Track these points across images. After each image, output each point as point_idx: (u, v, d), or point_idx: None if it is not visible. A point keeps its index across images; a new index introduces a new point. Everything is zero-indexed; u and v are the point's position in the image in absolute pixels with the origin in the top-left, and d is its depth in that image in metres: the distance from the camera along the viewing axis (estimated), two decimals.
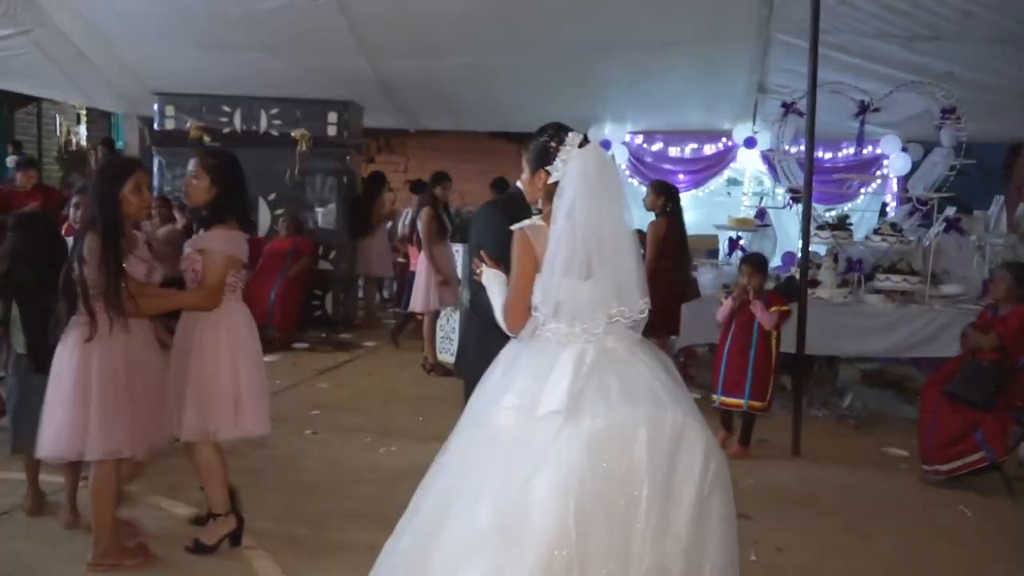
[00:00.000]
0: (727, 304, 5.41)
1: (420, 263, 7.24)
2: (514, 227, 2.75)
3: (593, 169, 2.65)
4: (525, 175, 2.87)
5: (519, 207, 3.08)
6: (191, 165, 3.59)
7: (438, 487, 2.67)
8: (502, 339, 2.89)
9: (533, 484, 2.41)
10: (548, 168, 2.72)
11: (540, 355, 2.61)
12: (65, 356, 3.36)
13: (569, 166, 2.66)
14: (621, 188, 2.82)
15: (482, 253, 2.97)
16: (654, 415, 2.48)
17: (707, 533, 2.47)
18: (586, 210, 2.58)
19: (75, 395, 3.31)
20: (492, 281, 2.88)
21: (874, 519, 4.44)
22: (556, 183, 2.68)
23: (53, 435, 3.33)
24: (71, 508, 3.88)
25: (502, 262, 2.89)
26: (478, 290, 3.00)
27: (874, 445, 5.78)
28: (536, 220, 2.75)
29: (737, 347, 5.33)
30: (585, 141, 2.72)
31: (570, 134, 2.73)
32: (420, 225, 7.18)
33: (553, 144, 2.73)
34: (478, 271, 2.96)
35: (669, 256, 6.41)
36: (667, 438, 2.46)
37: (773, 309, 5.24)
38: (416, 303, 7.27)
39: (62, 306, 3.35)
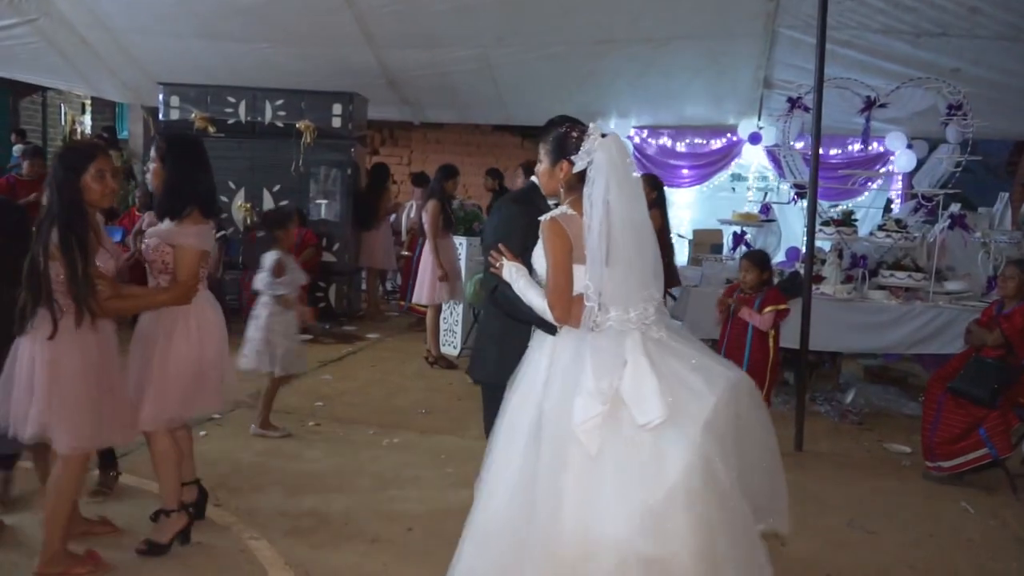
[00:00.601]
0: (719, 311, 5.42)
1: (424, 256, 7.24)
2: (544, 217, 2.76)
3: (619, 157, 2.69)
4: (543, 166, 2.88)
5: (538, 200, 3.07)
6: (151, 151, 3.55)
7: (511, 513, 2.59)
8: (525, 334, 2.90)
9: (666, 500, 2.44)
10: (572, 158, 2.75)
11: (603, 351, 2.60)
12: (34, 349, 3.19)
13: (596, 155, 2.67)
14: (637, 176, 2.87)
15: (501, 247, 2.93)
16: (730, 385, 2.60)
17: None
18: (619, 198, 2.64)
19: (45, 389, 3.16)
20: (516, 275, 2.85)
21: (876, 515, 4.44)
22: (579, 173, 2.72)
23: (15, 423, 3.20)
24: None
25: (524, 256, 2.89)
26: (500, 285, 2.94)
27: (877, 441, 5.79)
28: (566, 209, 2.75)
29: (733, 344, 5.31)
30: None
31: (590, 125, 2.77)
32: (426, 217, 7.17)
33: (575, 135, 2.76)
34: (497, 264, 2.91)
35: (661, 246, 6.40)
36: (744, 404, 2.64)
37: (768, 309, 5.17)
38: (421, 296, 7.28)
39: (27, 297, 3.17)
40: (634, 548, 2.42)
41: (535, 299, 2.77)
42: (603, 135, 2.74)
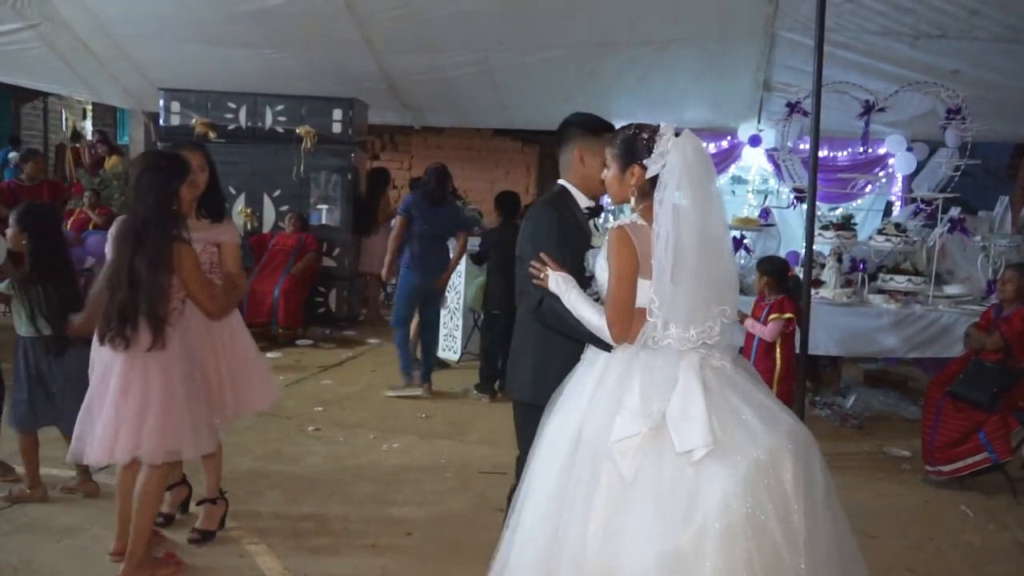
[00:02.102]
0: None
1: None
2: (611, 224, 2.59)
3: (694, 158, 2.46)
4: (611, 172, 2.66)
5: (572, 204, 2.96)
6: (199, 159, 3.60)
7: (540, 535, 2.44)
8: (566, 350, 2.75)
9: (700, 531, 2.21)
10: (645, 162, 2.53)
11: (655, 369, 2.40)
12: (135, 363, 3.24)
13: (669, 157, 2.46)
14: (716, 178, 2.66)
15: (544, 256, 2.75)
16: (792, 434, 2.37)
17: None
18: (693, 204, 2.41)
19: (159, 403, 3.25)
20: (566, 287, 2.66)
21: (876, 519, 4.43)
22: (652, 178, 2.50)
23: (109, 439, 3.24)
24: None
25: (565, 265, 2.74)
26: (546, 297, 2.73)
27: (877, 445, 5.78)
28: (636, 218, 2.56)
29: (743, 354, 5.30)
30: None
31: (662, 124, 2.55)
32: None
33: (645, 136, 2.55)
34: (542, 275, 2.72)
35: None
36: (804, 456, 2.36)
37: (772, 317, 5.16)
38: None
39: (123, 311, 3.19)
40: None
41: (589, 314, 2.57)
42: (676, 133, 2.52)
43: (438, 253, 6.51)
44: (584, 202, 2.99)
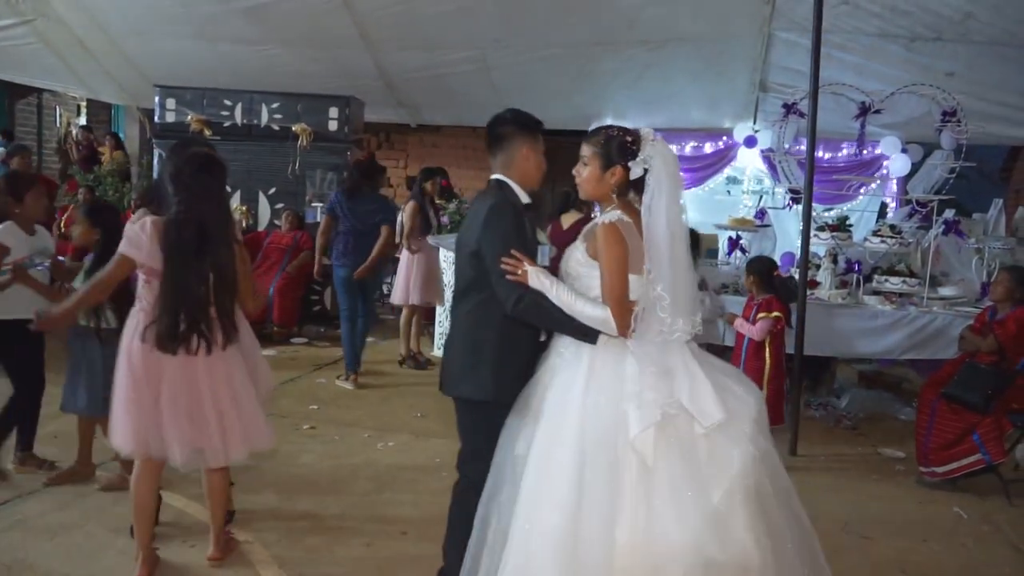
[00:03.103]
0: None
1: (402, 257, 7.27)
2: (601, 220, 2.70)
3: (672, 163, 2.69)
4: (590, 171, 2.77)
5: (515, 201, 2.98)
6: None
7: (559, 537, 2.47)
8: (527, 346, 2.84)
9: (728, 497, 2.49)
10: (629, 164, 2.69)
11: (651, 360, 2.58)
12: (218, 365, 3.28)
13: (654, 162, 2.66)
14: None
15: (515, 253, 2.77)
16: (756, 393, 2.73)
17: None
18: (676, 203, 2.64)
19: (240, 402, 3.33)
20: (551, 283, 2.71)
21: (870, 520, 4.45)
22: (632, 180, 2.70)
23: (219, 442, 3.27)
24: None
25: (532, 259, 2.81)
26: (526, 295, 2.74)
27: (871, 446, 5.80)
28: (622, 215, 2.70)
29: (735, 354, 5.33)
30: None
31: (642, 128, 2.73)
32: (403, 218, 7.19)
33: (629, 139, 2.71)
34: (519, 272, 2.74)
35: None
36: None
37: (760, 316, 5.18)
38: (395, 295, 7.34)
39: (202, 313, 3.20)
40: (702, 552, 2.40)
41: (590, 309, 2.64)
42: (653, 139, 2.71)
43: (366, 247, 6.57)
44: (524, 198, 3.03)
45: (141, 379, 3.19)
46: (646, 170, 2.66)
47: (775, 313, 5.16)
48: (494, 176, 3.05)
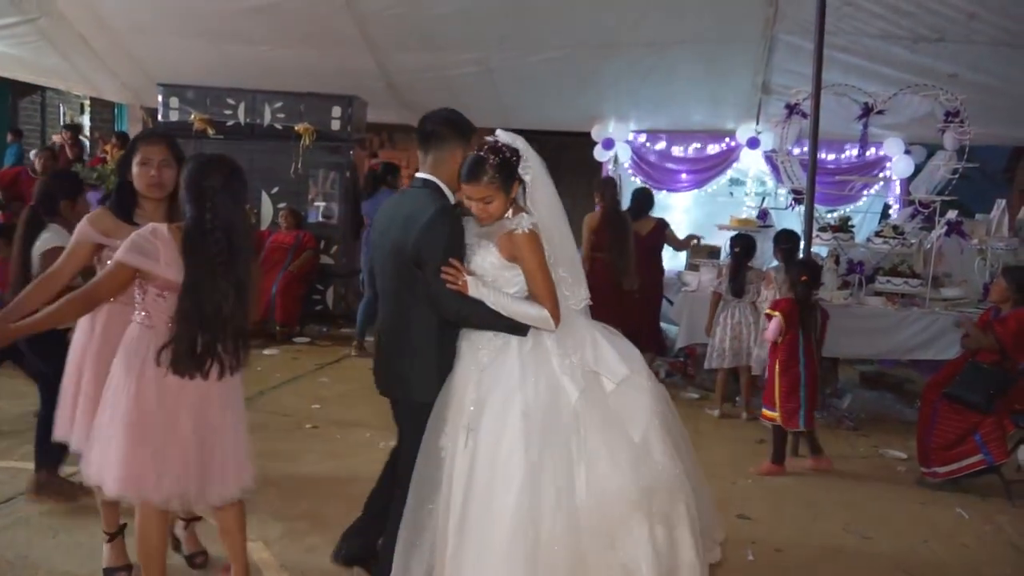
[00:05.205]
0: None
1: None
2: (520, 230, 2.79)
3: (532, 150, 2.90)
4: (499, 203, 2.81)
5: (447, 203, 3.01)
6: (162, 153, 3.24)
7: (520, 515, 2.63)
8: (453, 346, 2.95)
9: (647, 431, 2.82)
10: (523, 175, 2.87)
11: (573, 335, 2.87)
12: (234, 388, 2.99)
13: (533, 163, 2.88)
14: None
15: (454, 263, 2.82)
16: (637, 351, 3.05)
17: None
18: (550, 187, 2.93)
19: (241, 424, 3.03)
20: (488, 290, 2.80)
21: (872, 521, 4.45)
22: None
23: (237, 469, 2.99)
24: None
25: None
26: (465, 304, 2.81)
27: (873, 447, 5.80)
28: (533, 218, 2.85)
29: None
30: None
31: (500, 132, 2.89)
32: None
33: (508, 152, 2.83)
34: (460, 282, 2.79)
35: (604, 248, 6.64)
36: None
37: (766, 313, 5.19)
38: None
39: (225, 332, 2.83)
40: (638, 484, 2.68)
41: (530, 309, 2.81)
42: (514, 139, 2.90)
43: None
44: (452, 199, 3.04)
45: (153, 410, 2.78)
46: (531, 172, 2.88)
47: (774, 312, 5.18)
48: (423, 175, 3.06)
